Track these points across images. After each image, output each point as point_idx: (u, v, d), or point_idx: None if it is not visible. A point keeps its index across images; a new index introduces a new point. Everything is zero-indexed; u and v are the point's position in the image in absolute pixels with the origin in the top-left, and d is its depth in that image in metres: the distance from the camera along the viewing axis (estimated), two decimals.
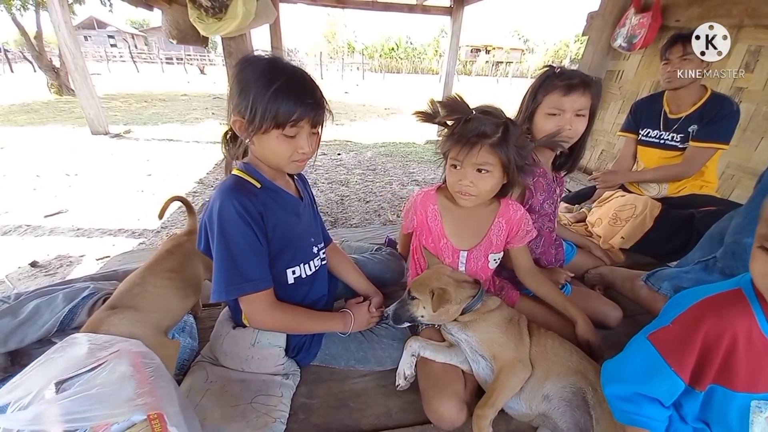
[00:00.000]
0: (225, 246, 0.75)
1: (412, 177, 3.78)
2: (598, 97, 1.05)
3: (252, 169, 0.83)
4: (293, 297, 0.92)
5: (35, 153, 4.17)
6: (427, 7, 5.19)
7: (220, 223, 0.74)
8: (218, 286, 0.76)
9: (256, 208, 0.77)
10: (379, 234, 1.77)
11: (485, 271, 1.00)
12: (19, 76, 14.24)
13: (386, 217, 2.78)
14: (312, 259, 0.96)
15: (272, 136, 0.75)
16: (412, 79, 26.63)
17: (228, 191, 0.75)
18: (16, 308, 0.87)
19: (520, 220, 0.98)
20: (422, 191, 1.01)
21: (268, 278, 0.80)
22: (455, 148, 0.84)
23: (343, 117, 7.84)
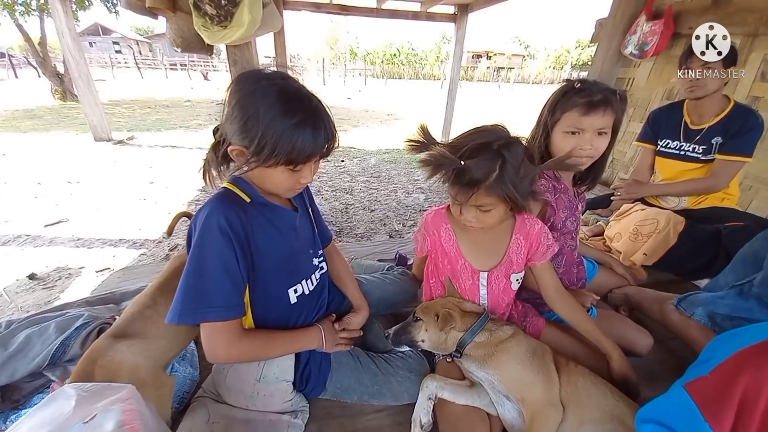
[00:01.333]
0: (197, 261, 0.67)
1: (417, 184, 3.73)
2: (622, 112, 0.97)
3: (243, 182, 0.76)
4: (297, 317, 0.86)
5: (38, 160, 4.15)
6: (431, 14, 5.17)
7: (200, 235, 0.67)
8: (176, 306, 0.66)
9: (242, 225, 0.70)
10: (387, 249, 1.70)
11: (508, 293, 0.94)
12: (24, 82, 14.34)
13: (392, 226, 2.72)
14: (313, 272, 0.90)
15: (278, 170, 0.69)
16: (413, 84, 26.72)
17: (216, 202, 0.70)
18: (7, 338, 0.82)
19: (539, 234, 0.91)
20: (432, 210, 0.94)
21: (236, 307, 0.71)
22: (452, 189, 0.79)
23: (345, 123, 7.82)
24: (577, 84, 0.98)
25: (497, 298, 0.92)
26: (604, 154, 1.03)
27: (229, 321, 0.70)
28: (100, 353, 0.71)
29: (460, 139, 0.78)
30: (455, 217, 0.85)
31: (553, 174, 1.06)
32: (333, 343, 0.90)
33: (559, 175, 1.07)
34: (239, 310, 0.71)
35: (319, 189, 3.47)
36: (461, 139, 0.78)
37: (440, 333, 0.83)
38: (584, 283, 1.19)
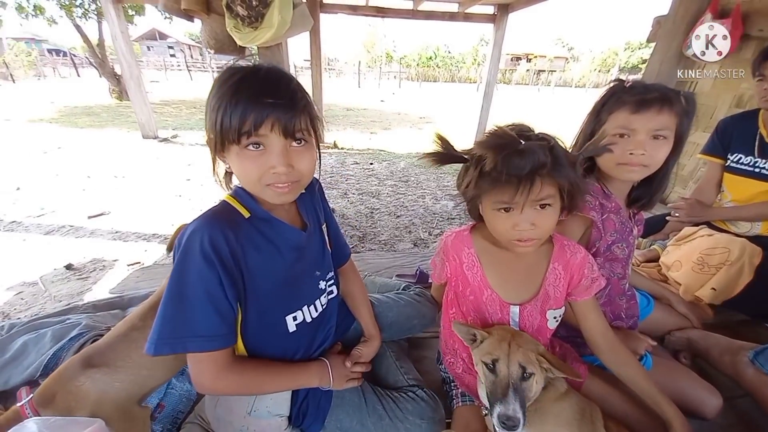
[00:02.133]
0: (176, 285, 0.59)
1: (447, 191, 3.59)
2: (688, 116, 0.81)
3: (245, 194, 0.68)
4: (297, 348, 0.77)
5: (90, 154, 4.47)
6: (469, 14, 5.01)
7: (181, 257, 0.59)
8: (154, 334, 0.59)
9: (231, 247, 0.61)
10: (408, 262, 1.59)
11: (544, 332, 0.80)
12: (85, 81, 15.76)
13: (417, 234, 2.61)
14: (318, 297, 0.79)
15: (233, 153, 0.59)
16: (448, 87, 26.37)
17: (204, 220, 0.62)
18: (5, 344, 0.82)
19: (581, 264, 0.76)
20: (452, 232, 0.82)
21: (222, 337, 0.62)
22: (504, 190, 0.64)
23: (377, 126, 7.80)
24: (628, 82, 0.84)
25: (531, 335, 0.78)
26: (665, 166, 0.85)
27: (215, 352, 0.62)
28: (70, 377, 0.67)
29: (483, 140, 0.66)
30: (502, 236, 0.71)
31: (602, 190, 0.91)
32: (343, 380, 0.80)
33: (609, 192, 0.91)
34: (226, 340, 0.63)
35: (345, 192, 3.43)
36: (485, 139, 0.66)
37: None
38: (636, 322, 1.02)
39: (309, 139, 0.63)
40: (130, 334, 0.76)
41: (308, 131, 0.62)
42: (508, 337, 0.69)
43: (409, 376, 0.92)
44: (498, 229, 0.70)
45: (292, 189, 0.63)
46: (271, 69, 0.59)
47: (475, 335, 0.72)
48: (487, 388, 0.67)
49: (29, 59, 18.39)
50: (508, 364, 0.65)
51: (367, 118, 9.01)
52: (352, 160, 4.59)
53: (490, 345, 0.69)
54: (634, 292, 1.04)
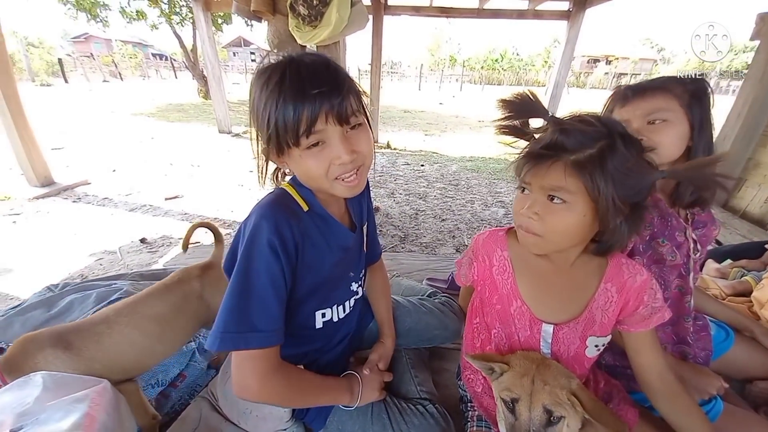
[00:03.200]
0: (243, 278, 0.57)
1: (498, 197, 3.39)
2: (695, 97, 0.74)
3: (303, 187, 0.66)
4: (315, 342, 0.76)
5: (175, 144, 5.08)
6: (540, 12, 4.68)
7: (247, 248, 0.57)
8: (217, 330, 0.56)
9: (294, 238, 0.60)
10: (443, 266, 1.52)
11: (581, 361, 0.68)
12: (180, 82, 18.01)
13: (461, 239, 2.50)
14: (348, 298, 0.78)
15: (294, 156, 0.58)
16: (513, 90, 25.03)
17: (268, 209, 0.60)
18: (54, 300, 0.93)
19: (640, 289, 0.63)
20: (486, 231, 0.75)
21: (278, 331, 0.60)
22: (526, 165, 0.59)
23: (433, 128, 7.70)
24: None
25: (567, 363, 0.68)
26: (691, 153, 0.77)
27: (267, 348, 0.59)
28: (33, 350, 0.67)
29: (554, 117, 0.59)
30: (514, 217, 0.64)
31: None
32: (377, 395, 0.77)
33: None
34: (281, 335, 0.61)
35: (393, 191, 3.43)
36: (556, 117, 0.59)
37: None
38: (708, 357, 0.84)
39: (362, 120, 0.61)
40: (97, 327, 0.76)
41: (359, 111, 0.59)
42: (531, 371, 0.58)
43: (423, 388, 0.86)
44: (514, 208, 0.64)
45: (360, 175, 0.62)
46: (304, 56, 0.57)
47: (492, 368, 0.63)
48: (506, 430, 0.59)
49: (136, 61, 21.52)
50: (530, 407, 0.55)
51: (424, 120, 8.94)
52: (403, 161, 4.58)
53: (510, 380, 0.59)
54: (707, 321, 0.86)
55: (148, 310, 0.83)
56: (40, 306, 0.94)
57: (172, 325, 0.85)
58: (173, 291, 0.88)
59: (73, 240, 2.25)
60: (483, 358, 0.63)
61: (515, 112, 0.60)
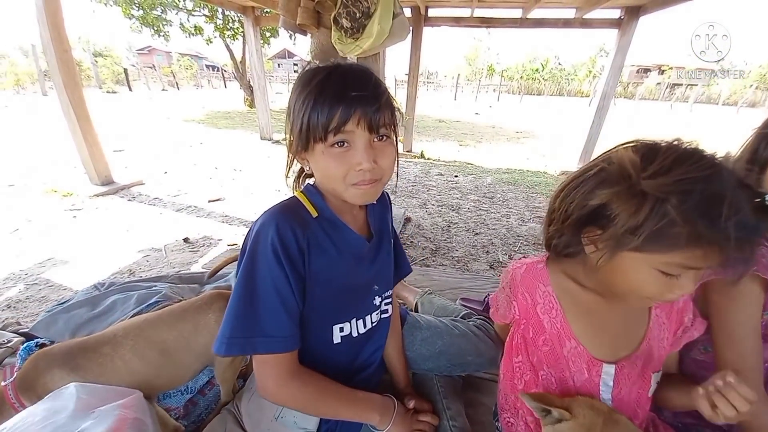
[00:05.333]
0: (248, 283, 0.58)
1: (536, 213, 3.23)
2: None
3: (315, 193, 0.67)
4: (337, 360, 0.71)
5: (221, 149, 5.39)
6: (587, 20, 4.48)
7: (252, 253, 0.58)
8: (223, 334, 0.58)
9: (299, 245, 0.59)
10: (478, 286, 1.45)
11: (643, 403, 0.61)
12: (230, 91, 19.23)
13: (495, 256, 2.40)
14: (371, 312, 0.74)
15: (317, 152, 0.58)
16: (555, 101, 24.18)
17: (273, 215, 0.60)
18: (99, 299, 0.98)
19: (683, 310, 0.60)
20: (522, 264, 0.68)
21: (290, 338, 0.60)
22: (705, 252, 0.44)
23: (468, 138, 7.57)
24: None
25: (629, 407, 0.60)
26: None
27: (281, 354, 0.60)
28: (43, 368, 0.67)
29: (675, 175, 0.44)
30: (652, 296, 0.51)
31: None
32: (405, 427, 0.72)
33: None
34: (294, 342, 0.60)
35: (425, 202, 3.38)
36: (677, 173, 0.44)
37: None
38: None
39: (390, 135, 0.61)
40: (102, 348, 0.73)
41: (390, 126, 0.60)
42: (597, 426, 0.51)
43: (456, 423, 0.80)
44: (650, 290, 0.50)
45: (374, 186, 0.60)
46: (352, 65, 0.60)
47: (549, 410, 0.56)
48: None
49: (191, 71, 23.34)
50: None
51: (459, 130, 8.83)
52: (437, 171, 4.53)
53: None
54: None
55: (155, 336, 0.78)
56: (85, 304, 0.99)
57: (174, 359, 0.79)
58: (185, 319, 0.82)
59: (125, 236, 2.43)
60: (541, 399, 0.57)
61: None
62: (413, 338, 0.89)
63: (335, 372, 0.69)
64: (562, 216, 0.55)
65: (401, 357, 0.86)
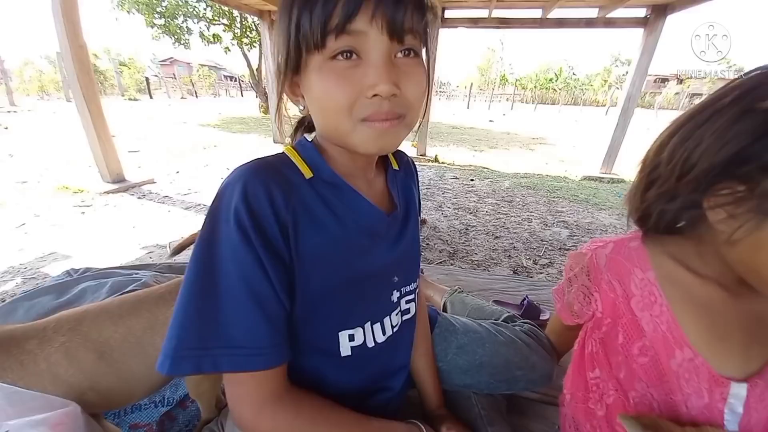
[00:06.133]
0: (203, 270, 0.38)
1: (560, 217, 3.04)
2: None
3: (310, 147, 0.47)
4: (347, 380, 0.51)
5: (234, 152, 5.38)
6: (612, 20, 4.31)
7: (210, 227, 0.39)
8: (168, 344, 0.38)
9: (278, 216, 0.40)
10: (511, 288, 1.27)
11: None
12: (246, 100, 19.64)
13: (518, 260, 2.22)
14: (388, 313, 0.53)
15: (312, 70, 0.38)
16: (569, 111, 23.85)
17: (241, 173, 0.40)
18: (68, 286, 0.85)
19: None
20: (606, 243, 0.51)
21: (271, 350, 0.40)
22: None
23: (482, 144, 7.41)
24: None
25: None
26: None
27: (260, 372, 0.40)
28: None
29: None
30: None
31: None
32: None
33: None
34: (276, 354, 0.41)
35: (441, 204, 3.23)
36: None
37: None
38: None
39: (419, 51, 0.41)
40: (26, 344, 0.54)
41: (420, 38, 0.39)
42: None
43: None
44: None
45: (394, 126, 0.39)
46: None
47: None
48: None
49: (209, 81, 24.00)
50: None
51: (473, 136, 8.68)
52: (452, 175, 4.38)
53: None
54: None
55: (94, 332, 0.58)
56: (51, 291, 0.85)
57: (117, 366, 0.58)
58: (139, 313, 0.61)
59: (131, 232, 2.35)
60: (655, 427, 0.40)
61: None
62: (447, 345, 0.70)
63: (342, 393, 0.50)
64: (678, 170, 0.38)
65: (432, 369, 0.67)
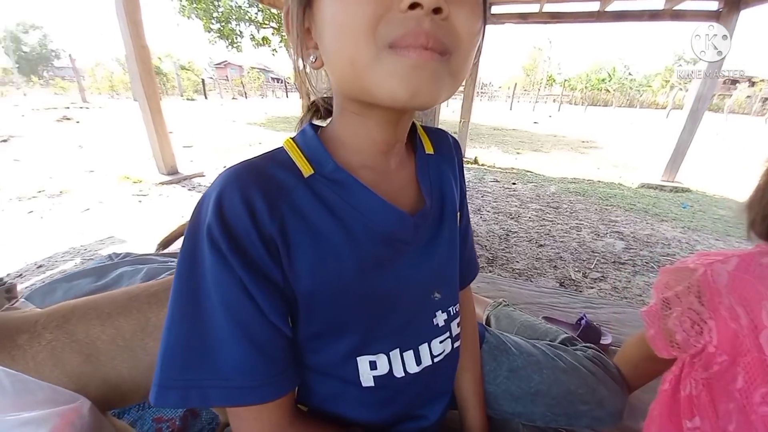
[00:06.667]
0: (185, 287, 0.33)
1: (614, 228, 2.78)
2: None
3: (313, 137, 0.39)
4: (374, 412, 0.43)
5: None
6: (680, 12, 3.89)
7: (189, 242, 0.33)
8: (158, 372, 0.33)
9: (260, 229, 0.32)
10: (562, 303, 1.13)
11: None
12: (291, 101, 20.50)
13: (565, 272, 2.05)
14: (432, 338, 0.43)
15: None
16: (624, 113, 22.12)
17: (222, 180, 0.33)
18: (106, 270, 0.87)
19: None
20: (726, 256, 0.40)
21: (268, 384, 0.34)
22: None
23: (526, 146, 7.05)
24: None
25: None
26: None
27: (260, 405, 0.34)
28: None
29: None
30: None
31: None
32: None
33: None
34: (276, 388, 0.34)
35: (479, 208, 3.09)
36: None
37: None
38: None
39: None
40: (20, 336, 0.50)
41: None
42: None
43: None
44: None
45: (435, 61, 0.28)
46: None
47: None
48: None
49: (258, 83, 25.29)
50: None
51: (516, 138, 8.30)
52: (492, 178, 4.19)
53: None
54: None
55: (81, 332, 0.53)
56: (90, 274, 0.88)
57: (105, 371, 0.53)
58: (129, 312, 0.56)
59: (180, 221, 2.49)
60: None
61: None
62: (497, 366, 0.61)
63: (365, 421, 0.43)
64: None
65: (479, 394, 0.57)
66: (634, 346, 0.61)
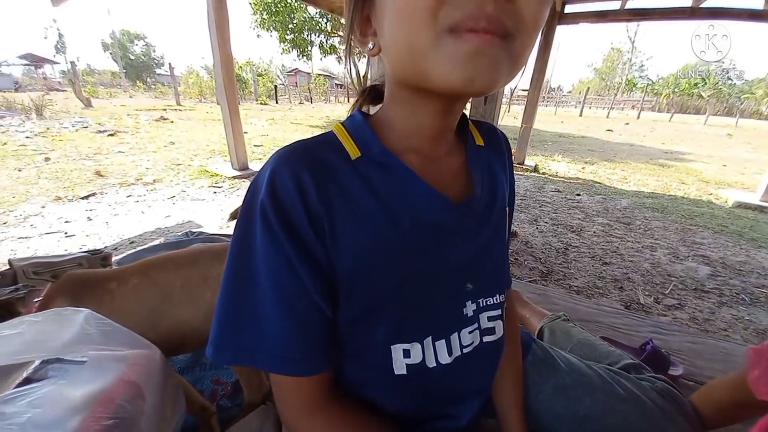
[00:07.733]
0: (237, 268, 0.36)
1: (697, 250, 2.43)
2: None
3: (362, 122, 0.40)
4: (404, 402, 0.43)
5: None
6: None
7: (243, 217, 0.36)
8: (214, 330, 0.36)
9: (308, 206, 0.34)
10: (625, 324, 1.02)
11: None
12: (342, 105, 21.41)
13: (633, 294, 1.85)
14: (460, 328, 0.43)
15: None
16: (720, 122, 19.15)
17: (275, 159, 0.35)
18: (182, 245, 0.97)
19: None
20: None
21: (306, 361, 0.36)
22: None
23: (595, 156, 6.47)
24: None
25: None
26: None
27: (300, 378, 0.37)
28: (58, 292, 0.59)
29: None
30: None
31: None
32: None
33: None
34: (314, 366, 0.37)
35: (536, 218, 2.92)
36: None
37: None
38: None
39: None
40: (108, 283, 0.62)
41: None
42: None
43: None
44: None
45: (496, 46, 0.27)
46: None
47: None
48: None
49: (323, 88, 26.68)
50: None
51: (584, 146, 7.66)
52: (553, 187, 3.93)
53: None
54: None
55: (159, 277, 0.66)
56: (170, 248, 1.03)
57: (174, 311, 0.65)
58: (195, 266, 0.68)
59: None
60: None
61: None
62: (542, 381, 0.57)
63: (394, 414, 0.43)
64: None
65: (518, 408, 0.53)
66: (725, 389, 0.54)
